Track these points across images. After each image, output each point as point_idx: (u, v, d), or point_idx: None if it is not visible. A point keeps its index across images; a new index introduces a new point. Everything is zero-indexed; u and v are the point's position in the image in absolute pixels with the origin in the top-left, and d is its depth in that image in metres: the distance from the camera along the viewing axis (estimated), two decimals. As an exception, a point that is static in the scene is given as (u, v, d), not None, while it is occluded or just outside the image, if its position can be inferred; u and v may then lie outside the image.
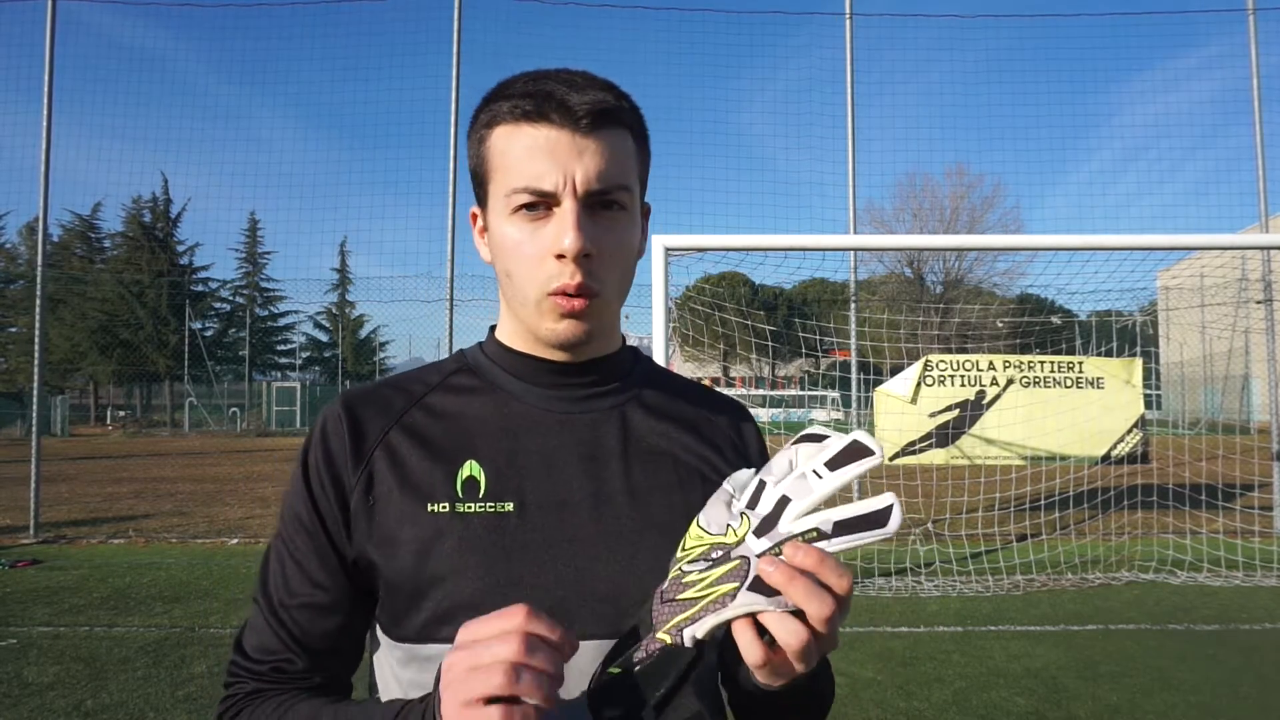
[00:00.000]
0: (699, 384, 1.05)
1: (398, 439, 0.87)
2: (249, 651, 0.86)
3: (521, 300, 0.86)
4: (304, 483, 0.86)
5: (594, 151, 0.81)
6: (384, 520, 0.83)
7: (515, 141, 0.82)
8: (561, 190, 0.81)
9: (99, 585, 6.67)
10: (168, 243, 40.89)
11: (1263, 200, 9.16)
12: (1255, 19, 9.36)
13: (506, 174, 0.83)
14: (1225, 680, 4.55)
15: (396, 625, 0.83)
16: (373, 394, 0.91)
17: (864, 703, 4.26)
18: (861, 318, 9.58)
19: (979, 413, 7.42)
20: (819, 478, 0.67)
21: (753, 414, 1.06)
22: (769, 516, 0.68)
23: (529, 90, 0.82)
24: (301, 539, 0.86)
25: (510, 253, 0.84)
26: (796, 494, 0.68)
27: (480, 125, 0.86)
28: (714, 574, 0.67)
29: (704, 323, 8.78)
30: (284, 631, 0.84)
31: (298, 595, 0.85)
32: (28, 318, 34.19)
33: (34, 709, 4.06)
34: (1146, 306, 18.62)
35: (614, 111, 0.83)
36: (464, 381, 0.92)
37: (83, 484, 13.88)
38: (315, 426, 0.89)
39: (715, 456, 0.94)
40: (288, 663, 0.84)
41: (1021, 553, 7.80)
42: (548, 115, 0.81)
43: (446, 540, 0.81)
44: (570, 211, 0.81)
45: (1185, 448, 10.55)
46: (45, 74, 9.22)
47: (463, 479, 0.84)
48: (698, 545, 0.69)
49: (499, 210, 0.85)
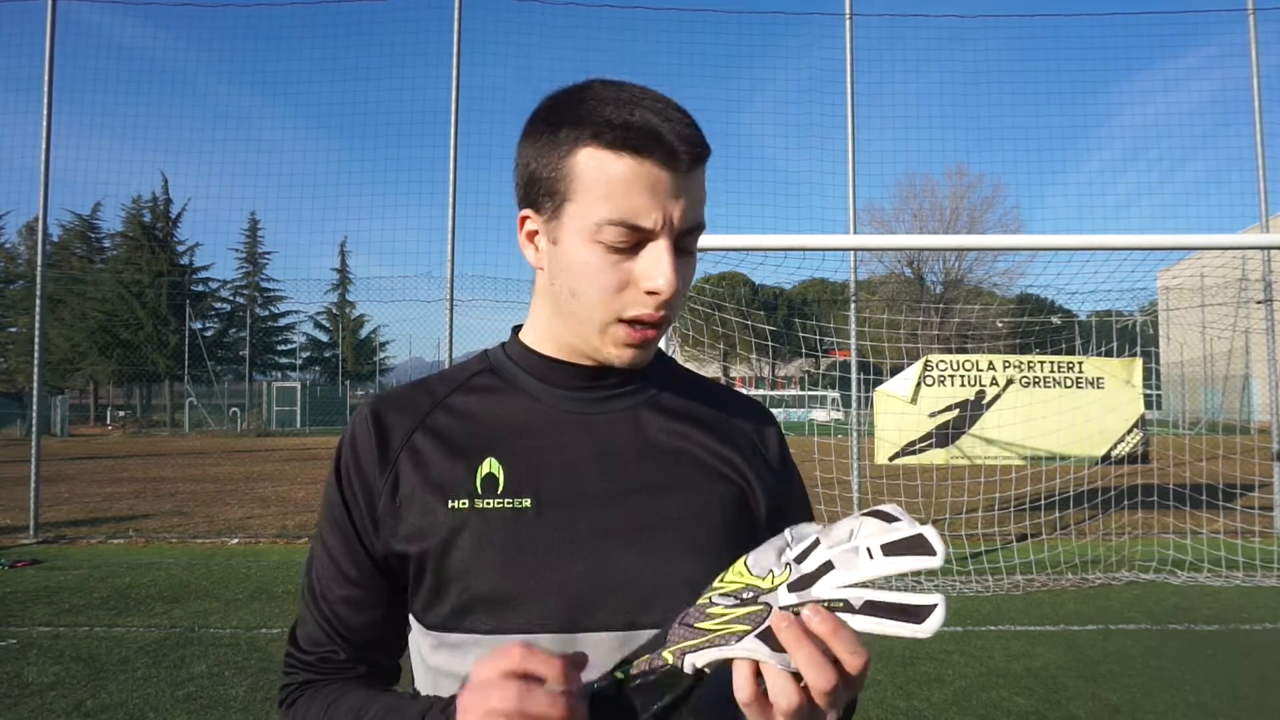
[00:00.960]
0: (721, 384, 1.06)
1: (421, 440, 0.90)
2: (300, 643, 0.92)
3: (585, 319, 0.86)
4: (338, 486, 0.91)
5: (689, 193, 0.83)
6: (410, 518, 0.86)
7: (612, 171, 0.81)
8: (659, 229, 0.82)
9: (99, 585, 6.66)
10: (168, 243, 40.92)
11: (1263, 200, 9.15)
12: (1255, 19, 9.35)
13: (598, 201, 0.82)
14: (1225, 680, 4.55)
15: (425, 613, 0.87)
16: (400, 397, 0.95)
17: (864, 703, 4.26)
18: (861, 318, 9.58)
19: (979, 413, 7.42)
20: (870, 557, 0.66)
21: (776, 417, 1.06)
22: (808, 576, 0.68)
23: (628, 119, 0.81)
24: (336, 538, 0.90)
25: (585, 276, 0.84)
26: (842, 564, 0.67)
27: (562, 137, 0.83)
28: (735, 612, 0.68)
29: (704, 323, 8.79)
30: (327, 625, 0.90)
31: (336, 591, 0.90)
32: (28, 318, 34.22)
33: (34, 709, 4.06)
34: (1146, 306, 18.64)
35: (706, 154, 0.85)
36: (486, 382, 0.95)
37: (83, 484, 13.88)
38: (347, 430, 0.93)
39: (735, 455, 0.95)
40: (333, 654, 0.90)
41: (1021, 553, 7.80)
42: (651, 151, 0.80)
43: (466, 534, 0.84)
44: (667, 251, 0.82)
45: (1185, 448, 10.56)
46: (45, 74, 9.22)
47: (482, 475, 0.87)
48: (735, 581, 0.70)
49: (578, 231, 0.84)
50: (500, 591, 0.82)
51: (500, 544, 0.84)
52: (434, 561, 0.84)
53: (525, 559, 0.83)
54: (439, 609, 0.85)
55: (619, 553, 0.85)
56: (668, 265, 0.81)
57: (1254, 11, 9.35)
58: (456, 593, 0.84)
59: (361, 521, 0.89)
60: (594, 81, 0.86)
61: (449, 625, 0.85)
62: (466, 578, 0.83)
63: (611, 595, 0.83)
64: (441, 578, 0.84)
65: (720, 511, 0.91)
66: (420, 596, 0.87)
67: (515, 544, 0.84)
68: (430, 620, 0.86)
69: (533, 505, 0.85)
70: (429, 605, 0.86)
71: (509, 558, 0.83)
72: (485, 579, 0.83)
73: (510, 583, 0.83)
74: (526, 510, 0.85)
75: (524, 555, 0.83)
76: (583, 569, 0.84)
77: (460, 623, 0.84)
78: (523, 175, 0.89)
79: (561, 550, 0.84)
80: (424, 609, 0.87)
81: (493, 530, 0.84)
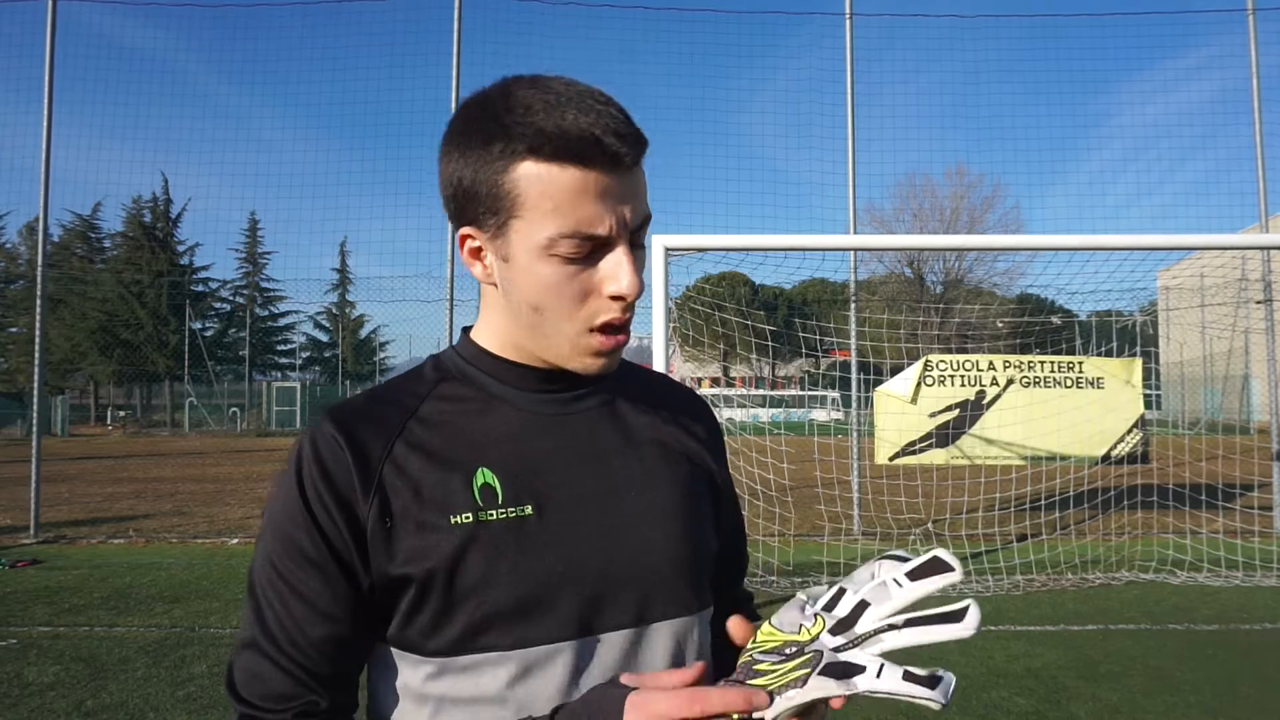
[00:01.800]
0: (665, 376, 1.09)
1: (403, 454, 0.84)
2: (258, 702, 0.80)
3: (553, 333, 0.84)
4: (305, 512, 0.81)
5: (634, 190, 0.81)
6: (405, 538, 0.81)
7: (557, 184, 0.78)
8: (615, 233, 0.80)
9: (99, 585, 6.66)
10: (168, 243, 40.90)
11: (1263, 200, 9.16)
12: (1255, 19, 9.35)
13: (547, 216, 0.78)
14: (1225, 680, 4.55)
15: (428, 639, 0.81)
16: (362, 410, 0.87)
17: (864, 702, 4.26)
18: (861, 318, 9.58)
19: (979, 413, 7.41)
20: (899, 586, 0.71)
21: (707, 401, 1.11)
22: (846, 619, 0.72)
23: (563, 127, 0.77)
24: (306, 572, 0.80)
25: (546, 291, 0.81)
26: (875, 599, 0.71)
27: (497, 152, 0.79)
28: (787, 665, 0.70)
29: (704, 323, 8.78)
30: (301, 672, 0.80)
31: (313, 632, 0.80)
32: (28, 318, 34.21)
33: (34, 709, 4.06)
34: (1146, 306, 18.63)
35: (645, 146, 0.82)
36: (455, 390, 0.91)
37: (83, 484, 13.88)
38: (303, 451, 0.83)
39: (694, 443, 0.99)
40: (313, 705, 0.80)
41: (1021, 553, 7.80)
42: (594, 159, 0.77)
43: (475, 550, 0.81)
44: (626, 254, 0.81)
45: (1185, 448, 10.56)
46: (45, 74, 9.22)
47: (478, 487, 0.83)
48: (769, 640, 0.73)
49: (530, 248, 0.80)
50: (519, 604, 0.80)
51: (511, 555, 0.81)
52: (442, 581, 0.80)
53: (538, 567, 0.82)
54: (446, 632, 0.81)
55: (624, 548, 0.86)
56: (629, 268, 0.80)
57: (1254, 11, 9.35)
58: (469, 611, 0.80)
59: (342, 546, 0.80)
60: (510, 84, 0.81)
61: (460, 648, 0.80)
62: (481, 594, 0.80)
63: (622, 592, 0.84)
64: (451, 598, 0.80)
65: (699, 497, 0.95)
66: (419, 623, 0.81)
67: (526, 553, 0.82)
68: (434, 646, 0.81)
69: (534, 512, 0.84)
70: (434, 630, 0.81)
71: (520, 568, 0.81)
72: (502, 593, 0.80)
73: (528, 593, 0.81)
74: (529, 517, 0.83)
75: (536, 563, 0.82)
76: (594, 569, 0.84)
77: (473, 643, 0.80)
78: (453, 189, 0.84)
79: (571, 553, 0.83)
80: (426, 635, 0.81)
81: (501, 542, 0.81)
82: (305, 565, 0.81)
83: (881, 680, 0.66)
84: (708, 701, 0.68)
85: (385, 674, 0.85)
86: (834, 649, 0.69)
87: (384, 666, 0.86)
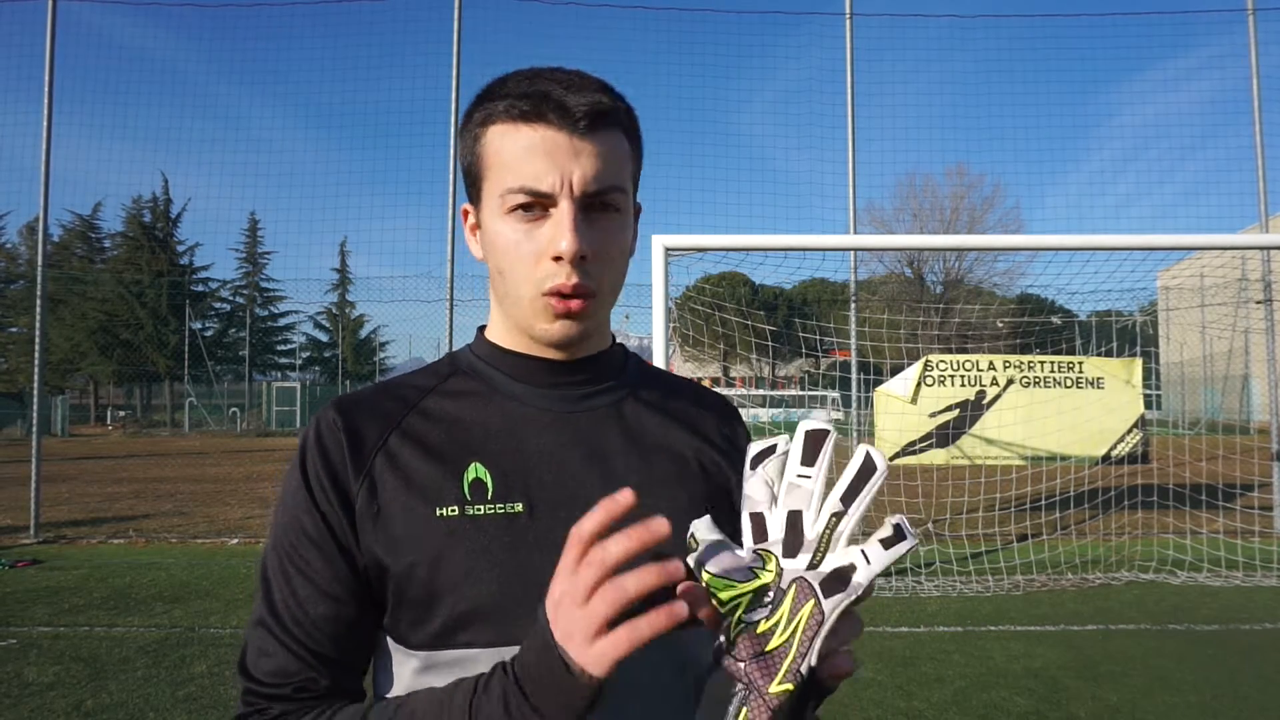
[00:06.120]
0: (690, 381, 1.06)
1: (398, 444, 0.85)
2: (262, 678, 0.81)
3: (515, 299, 0.86)
4: (305, 491, 0.83)
5: (591, 153, 0.81)
6: (391, 526, 0.81)
7: (512, 141, 0.82)
8: (559, 192, 0.81)
9: (99, 585, 6.67)
10: (168, 243, 40.89)
11: (1263, 200, 9.16)
12: (1255, 19, 9.35)
13: (502, 173, 0.83)
14: (1225, 680, 4.55)
15: (411, 632, 0.81)
16: (366, 399, 0.89)
17: (864, 703, 4.27)
18: (861, 318, 9.57)
19: (979, 413, 7.42)
20: (807, 478, 0.68)
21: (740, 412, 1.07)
22: (789, 537, 0.67)
23: (525, 90, 0.82)
24: (309, 550, 0.82)
25: (504, 252, 0.84)
26: (799, 503, 0.68)
27: (474, 123, 0.86)
28: (783, 611, 0.65)
29: (704, 323, 8.78)
30: (302, 650, 0.80)
31: (315, 610, 0.81)
32: (28, 318, 34.19)
33: (34, 709, 4.06)
34: (1146, 306, 18.63)
35: (611, 113, 0.83)
36: (460, 385, 0.91)
37: (83, 484, 13.88)
38: (309, 434, 0.86)
39: (713, 451, 0.95)
40: (311, 682, 0.80)
41: (1021, 553, 7.80)
42: (545, 116, 0.81)
43: (458, 543, 0.80)
44: (567, 214, 0.81)
45: (1185, 448, 10.55)
46: (45, 74, 9.22)
47: (469, 481, 0.83)
48: (737, 595, 0.66)
49: (493, 209, 0.85)
50: (499, 601, 0.79)
51: (496, 551, 0.80)
52: (423, 574, 0.79)
53: (523, 565, 0.80)
54: (427, 626, 0.80)
55: None
56: (567, 228, 0.80)
57: (1253, 12, 9.35)
58: (449, 606, 0.79)
59: (338, 524, 0.82)
60: (513, 71, 0.87)
61: (439, 643, 0.80)
62: (461, 589, 0.79)
63: None
64: (432, 591, 0.79)
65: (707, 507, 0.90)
66: (403, 614, 0.81)
67: (512, 550, 0.81)
68: (417, 639, 0.81)
69: (525, 509, 0.83)
70: (416, 623, 0.81)
71: (506, 565, 0.80)
72: (482, 589, 0.79)
73: (510, 591, 0.79)
74: (519, 515, 0.82)
75: (522, 562, 0.80)
76: None
77: (453, 638, 0.79)
78: (461, 172, 0.91)
79: (559, 554, 0.81)
80: (409, 627, 0.81)
81: (487, 537, 0.80)
82: (307, 544, 0.82)
83: (873, 563, 0.65)
84: (605, 553, 0.63)
85: (385, 665, 0.86)
86: (809, 568, 0.66)
87: (385, 657, 0.86)
